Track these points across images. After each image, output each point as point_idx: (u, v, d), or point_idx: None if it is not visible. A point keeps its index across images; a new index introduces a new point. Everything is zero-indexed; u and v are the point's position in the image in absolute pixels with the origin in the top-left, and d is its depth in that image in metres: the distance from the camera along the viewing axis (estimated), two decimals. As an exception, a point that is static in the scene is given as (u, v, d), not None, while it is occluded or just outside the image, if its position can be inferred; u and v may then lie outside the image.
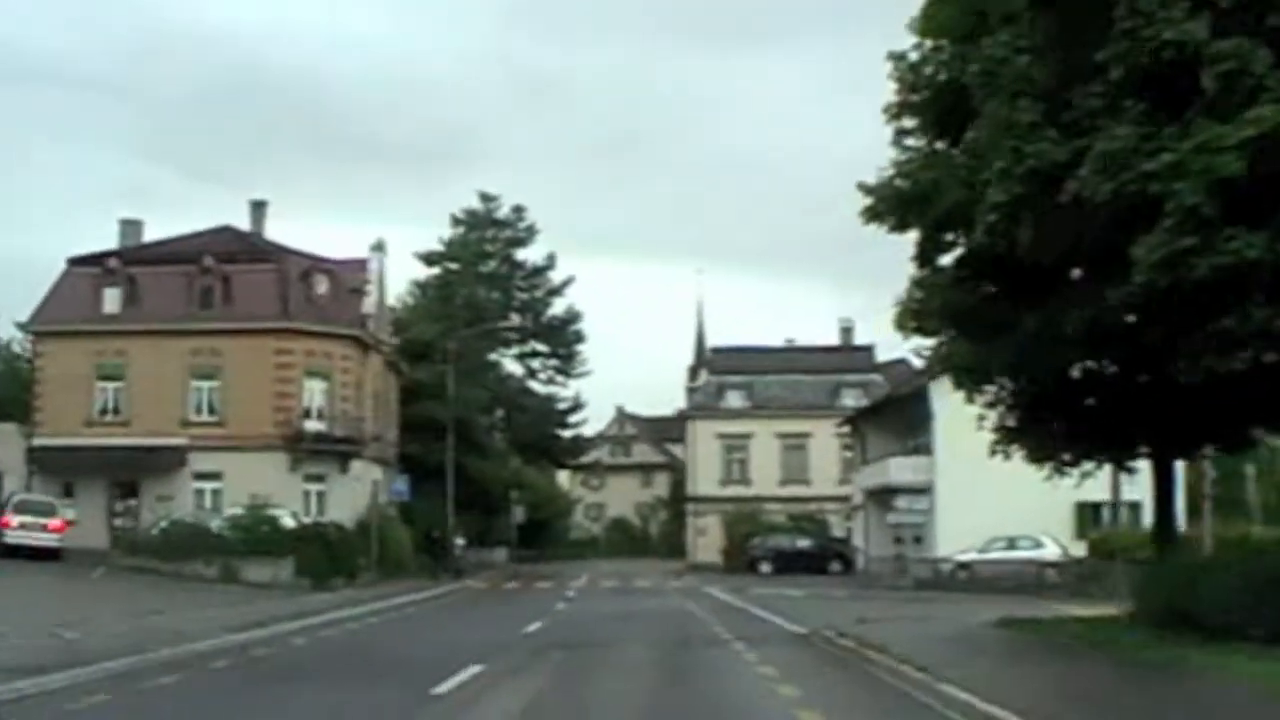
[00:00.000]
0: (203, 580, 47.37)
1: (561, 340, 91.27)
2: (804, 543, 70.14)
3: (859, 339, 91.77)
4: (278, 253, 60.70)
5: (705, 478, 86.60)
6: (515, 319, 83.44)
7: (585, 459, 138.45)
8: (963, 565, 52.69)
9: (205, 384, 57.99)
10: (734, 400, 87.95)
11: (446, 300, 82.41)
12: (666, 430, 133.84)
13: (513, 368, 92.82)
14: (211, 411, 57.94)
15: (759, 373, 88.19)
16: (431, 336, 76.46)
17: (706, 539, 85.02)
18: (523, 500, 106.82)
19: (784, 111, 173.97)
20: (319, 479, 58.52)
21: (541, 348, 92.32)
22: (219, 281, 58.62)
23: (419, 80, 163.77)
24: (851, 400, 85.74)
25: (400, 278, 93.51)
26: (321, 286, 59.40)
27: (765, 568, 66.82)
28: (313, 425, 57.79)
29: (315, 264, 60.07)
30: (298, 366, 58.01)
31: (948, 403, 56.73)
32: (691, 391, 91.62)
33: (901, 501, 53.97)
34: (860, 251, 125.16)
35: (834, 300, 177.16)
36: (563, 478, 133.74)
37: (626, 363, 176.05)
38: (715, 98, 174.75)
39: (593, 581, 61.77)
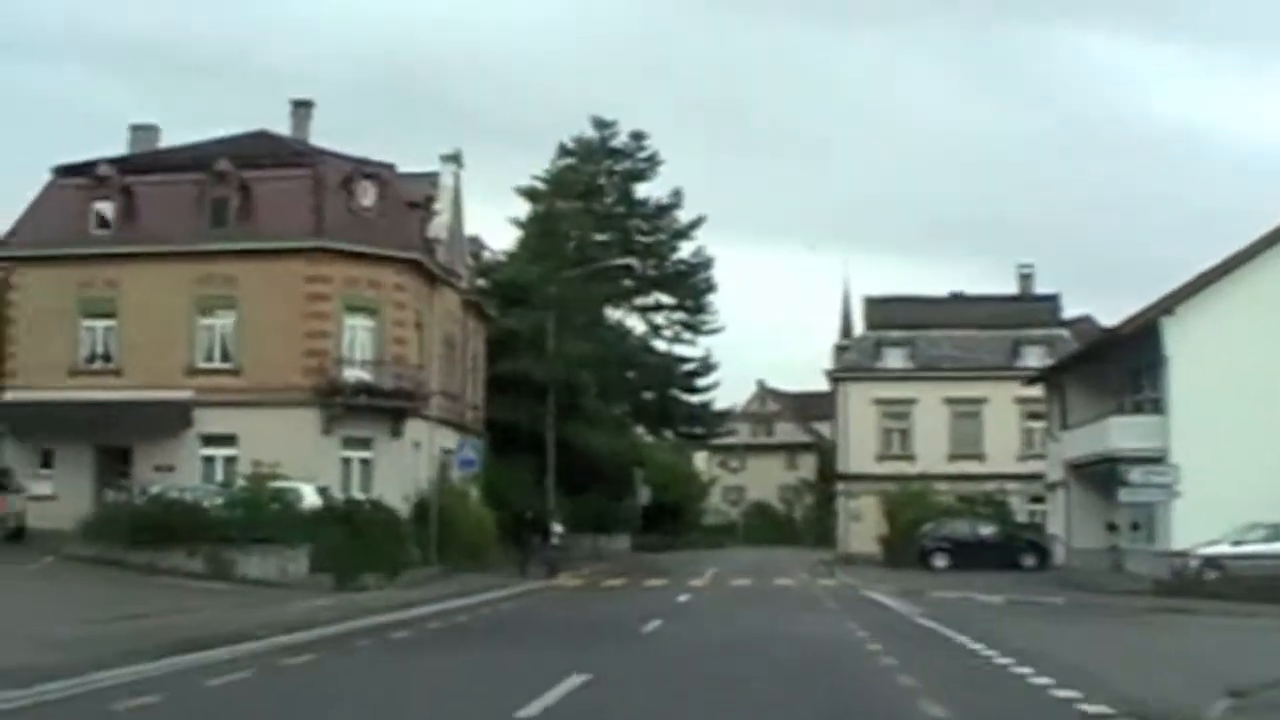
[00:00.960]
0: (181, 575, 34.87)
1: (689, 290, 77.06)
2: (987, 530, 55.70)
3: (1040, 288, 77.09)
4: (314, 155, 47.58)
5: (859, 452, 72.26)
6: (632, 262, 69.53)
7: (723, 439, 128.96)
8: (1210, 562, 38.20)
9: (217, 321, 45.33)
10: (894, 360, 73.59)
11: (549, 237, 68.90)
12: (813, 407, 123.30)
13: (633, 324, 79.14)
14: (225, 357, 45.22)
15: (923, 327, 73.82)
16: (529, 279, 63.34)
17: (861, 525, 70.93)
18: (648, 480, 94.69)
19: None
20: (363, 444, 45.53)
21: (665, 299, 78.31)
22: (236, 191, 45.71)
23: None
24: (1034, 360, 71.13)
25: (497, 235, 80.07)
26: (368, 197, 46.17)
27: (940, 561, 52.63)
28: (354, 374, 44.73)
29: (361, 167, 46.76)
30: (335, 298, 44.98)
31: (1186, 344, 43.70)
32: (842, 350, 77.23)
33: (1136, 475, 39.43)
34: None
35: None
36: (699, 459, 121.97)
37: (768, 340, 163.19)
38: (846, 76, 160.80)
39: (719, 579, 48.12)
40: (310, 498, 38.72)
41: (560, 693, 14.06)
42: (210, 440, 44.27)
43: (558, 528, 51.70)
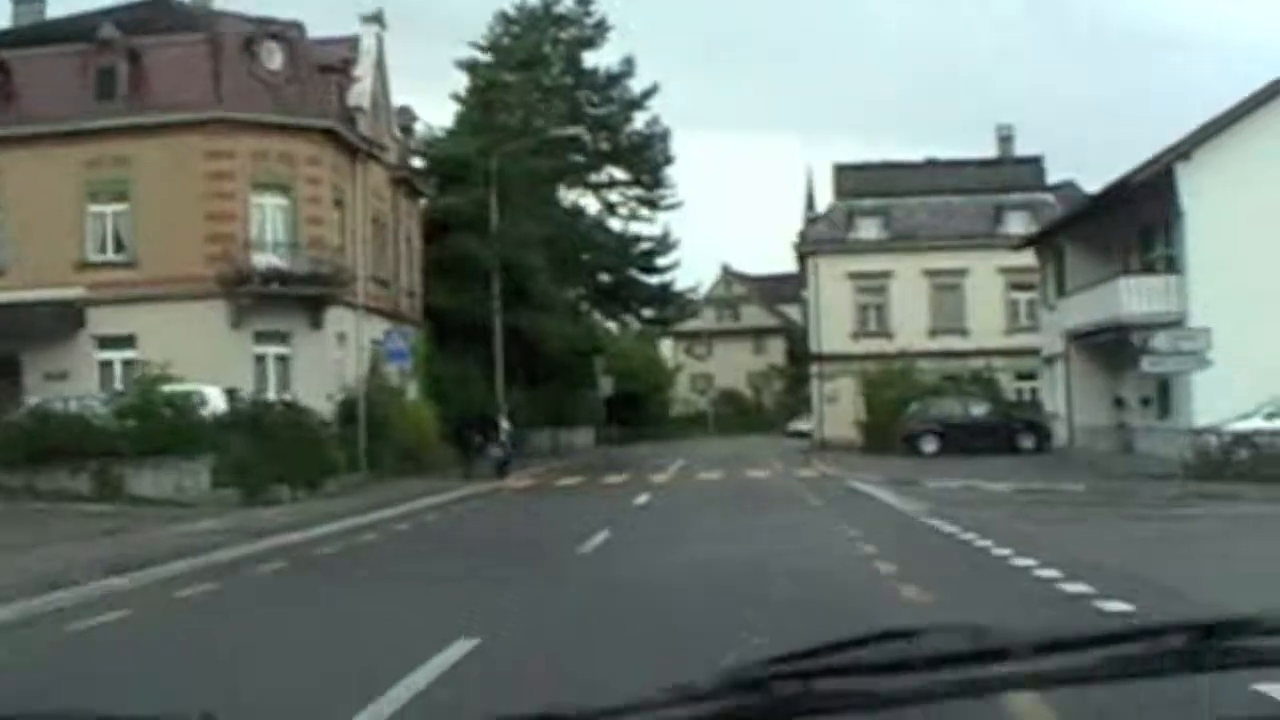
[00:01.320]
0: (69, 498, 29.93)
1: (644, 164, 71.56)
2: (979, 410, 50.92)
3: (1021, 150, 72.02)
4: (211, 17, 42.04)
5: (833, 330, 67.33)
6: (580, 131, 63.78)
7: (688, 324, 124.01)
8: (1242, 439, 33.51)
9: (109, 208, 40.03)
10: (867, 230, 68.58)
11: (490, 111, 63.32)
12: (780, 289, 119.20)
13: (587, 203, 73.81)
14: (119, 248, 40.03)
15: (898, 195, 68.80)
16: (468, 155, 58.05)
17: (837, 408, 66.29)
18: (610, 370, 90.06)
19: None
20: (279, 339, 40.48)
21: (620, 174, 72.84)
22: (125, 61, 40.12)
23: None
24: (1018, 226, 66.29)
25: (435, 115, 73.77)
26: (274, 60, 40.70)
27: (928, 445, 47.83)
28: (264, 260, 39.56)
29: (265, 28, 41.19)
30: (240, 176, 39.63)
31: (1205, 193, 38.75)
32: (811, 223, 72.07)
33: (1162, 340, 34.42)
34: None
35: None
36: (665, 348, 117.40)
37: (732, 225, 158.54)
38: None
39: (685, 474, 43.43)
40: (215, 402, 33.72)
41: (420, 681, 9.08)
42: (106, 342, 39.19)
43: (505, 423, 46.73)
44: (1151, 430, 39.82)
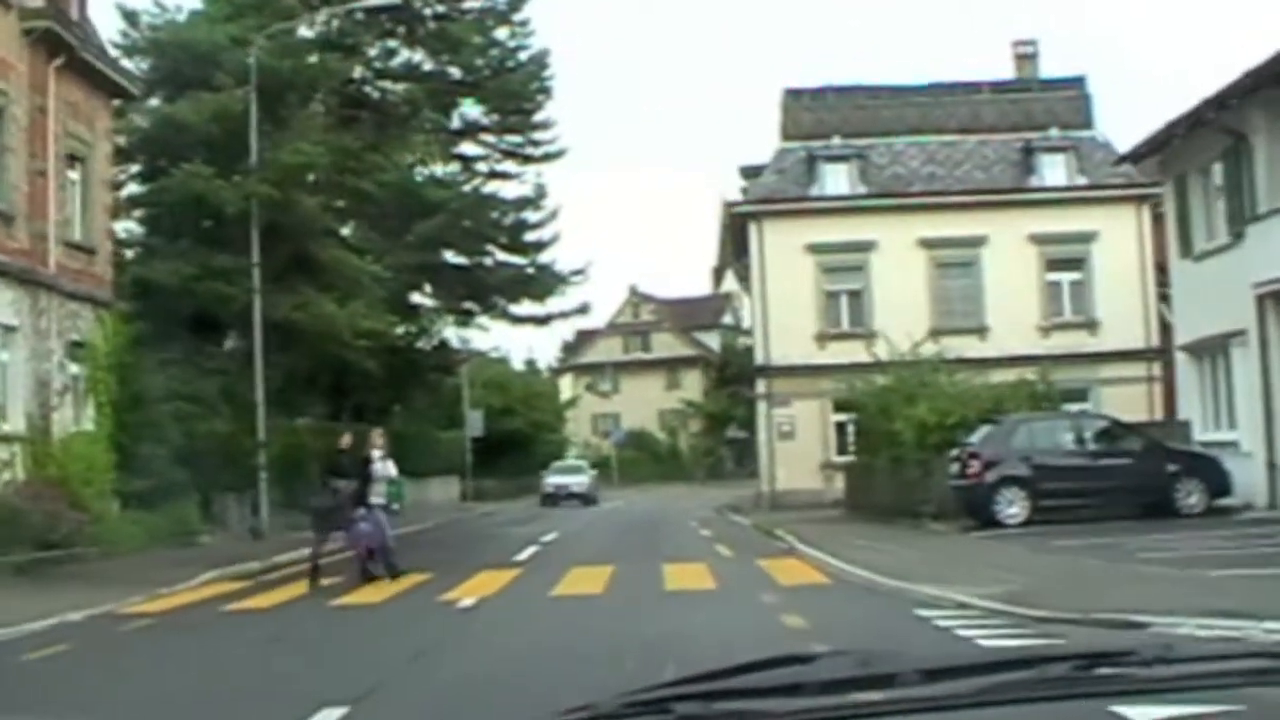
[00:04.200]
0: None
1: (510, 94, 48.45)
2: (1098, 438, 26.72)
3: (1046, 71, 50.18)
4: None
5: (787, 331, 44.88)
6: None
7: (587, 357, 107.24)
8: None
9: None
10: (837, 182, 46.41)
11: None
12: (696, 314, 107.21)
13: (426, 159, 50.57)
14: None
15: (880, 133, 46.96)
16: (212, 42, 36.30)
17: (795, 446, 44.32)
18: (482, 403, 68.22)
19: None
20: None
21: (476, 113, 49.79)
22: None
23: None
24: (1060, 174, 45.19)
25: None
26: None
27: (1012, 508, 24.75)
28: None
29: None
30: None
31: None
32: (751, 175, 49.47)
33: None
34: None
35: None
36: (564, 386, 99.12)
37: (637, 247, 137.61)
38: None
39: (537, 573, 20.68)
40: None
41: None
42: None
43: (378, 462, 22.19)
44: None
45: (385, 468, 20.90)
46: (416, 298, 49.45)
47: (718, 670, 2.00)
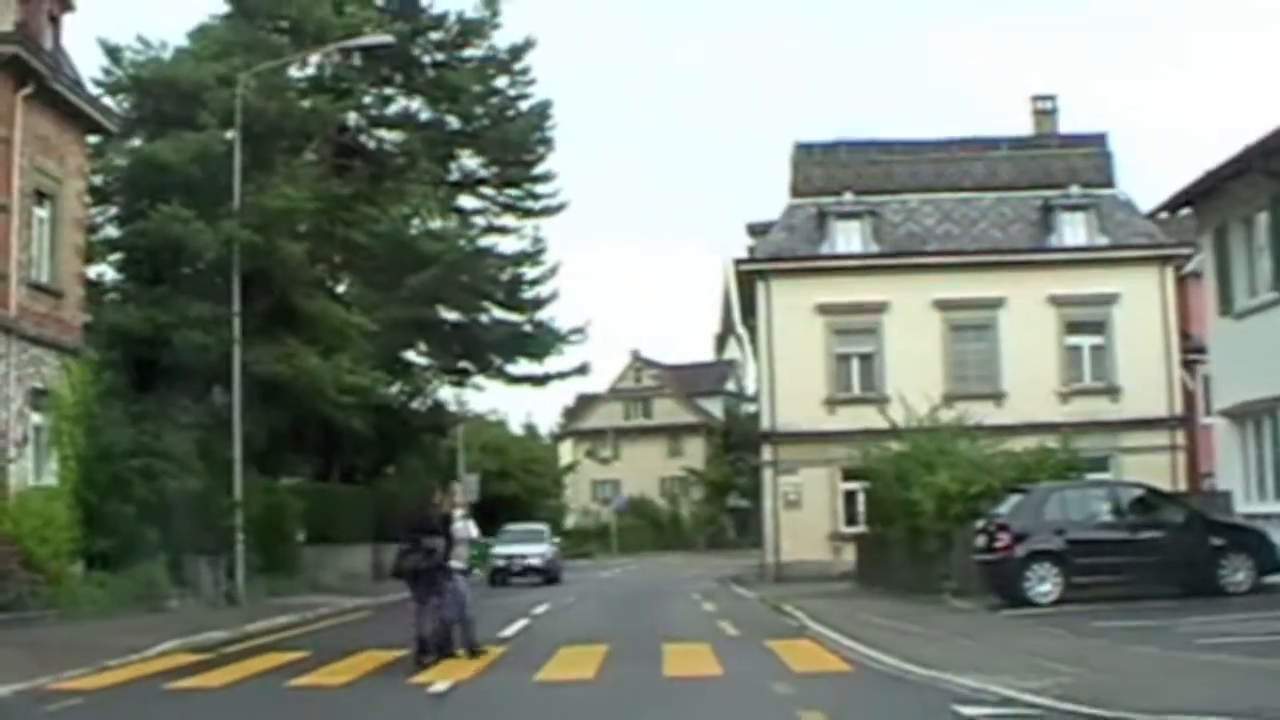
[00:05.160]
0: None
1: (510, 145, 46.74)
2: (1135, 509, 24.81)
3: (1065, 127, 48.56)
4: None
5: (795, 395, 43.12)
6: (390, 39, 38.54)
7: (588, 422, 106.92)
8: None
9: None
10: (847, 239, 44.81)
11: (251, 19, 39.05)
12: (698, 381, 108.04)
13: (421, 208, 48.72)
14: None
15: (894, 190, 45.37)
16: (198, 79, 34.69)
17: (801, 516, 42.44)
18: (479, 467, 66.35)
19: None
20: None
21: (474, 165, 48.01)
22: None
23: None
24: (1080, 234, 43.66)
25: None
26: None
27: (1043, 585, 22.77)
28: None
29: None
30: None
31: None
32: (759, 233, 47.75)
33: None
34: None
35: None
36: (565, 452, 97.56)
37: (640, 313, 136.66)
38: None
39: (523, 658, 18.59)
40: None
41: None
42: None
43: (463, 524, 19.55)
44: None
45: (467, 528, 18.56)
46: (410, 355, 47.56)
47: None
